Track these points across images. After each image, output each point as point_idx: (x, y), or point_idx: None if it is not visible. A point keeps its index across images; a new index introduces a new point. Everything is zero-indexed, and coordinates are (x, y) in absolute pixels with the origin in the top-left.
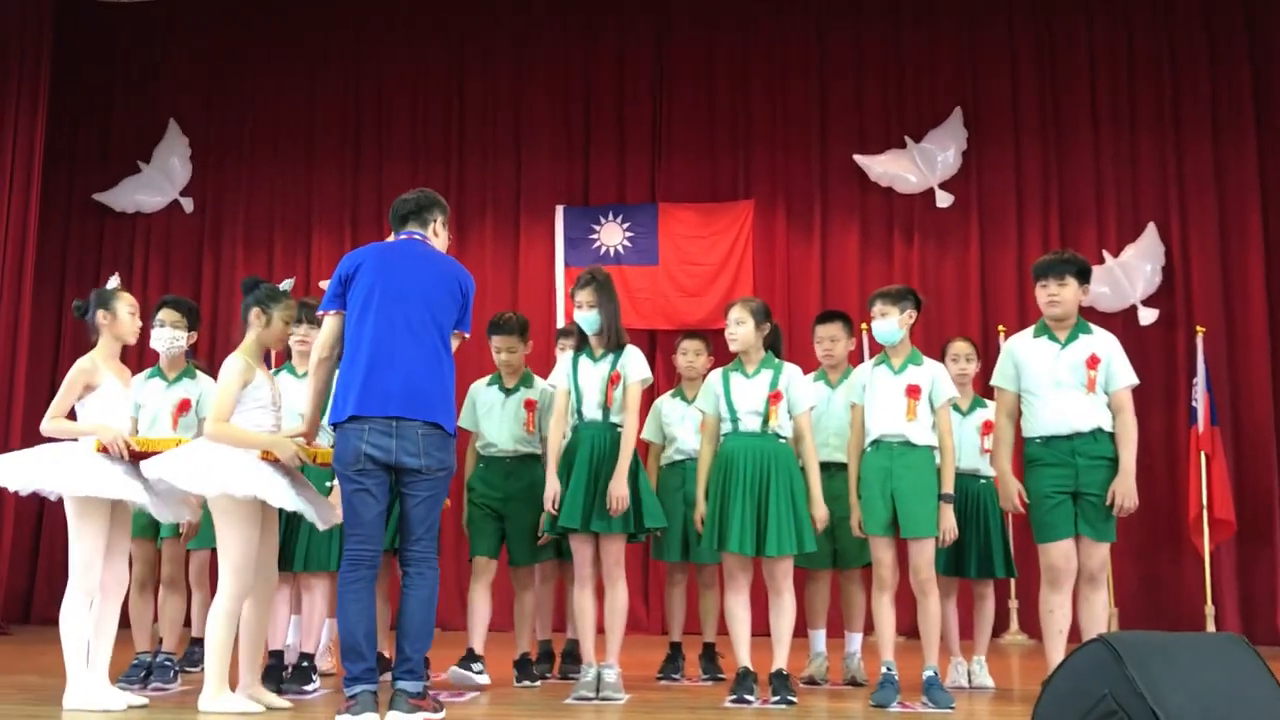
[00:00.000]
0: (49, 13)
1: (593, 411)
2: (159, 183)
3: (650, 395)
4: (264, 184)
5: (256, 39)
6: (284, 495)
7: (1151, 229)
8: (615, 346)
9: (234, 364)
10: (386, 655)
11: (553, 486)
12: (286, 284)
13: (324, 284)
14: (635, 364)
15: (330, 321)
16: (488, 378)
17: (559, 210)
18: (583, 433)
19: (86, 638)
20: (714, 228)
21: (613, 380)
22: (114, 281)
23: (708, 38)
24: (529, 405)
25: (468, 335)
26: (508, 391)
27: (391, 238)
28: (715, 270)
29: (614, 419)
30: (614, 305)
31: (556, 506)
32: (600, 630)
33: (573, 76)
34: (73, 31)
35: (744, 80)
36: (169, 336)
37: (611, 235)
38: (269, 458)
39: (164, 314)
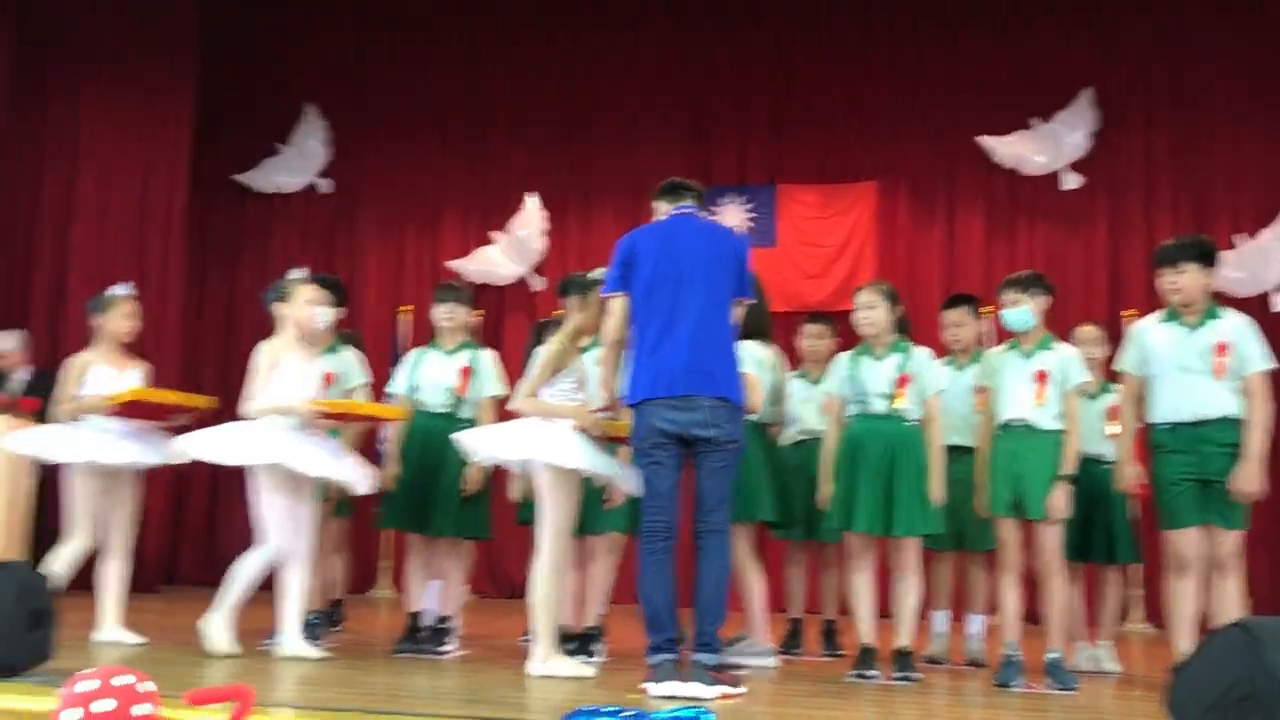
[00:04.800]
0: (195, 2)
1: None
2: (297, 164)
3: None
4: (397, 167)
5: (393, 25)
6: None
7: None
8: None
9: (552, 347)
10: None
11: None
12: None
13: (451, 264)
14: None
15: (615, 304)
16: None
17: None
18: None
19: (283, 593)
20: (834, 209)
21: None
22: (295, 273)
23: (830, 17)
24: None
25: (749, 301)
26: None
27: (663, 208)
28: (836, 252)
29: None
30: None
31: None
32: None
33: (693, 58)
34: (217, 18)
35: (867, 60)
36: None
37: (732, 216)
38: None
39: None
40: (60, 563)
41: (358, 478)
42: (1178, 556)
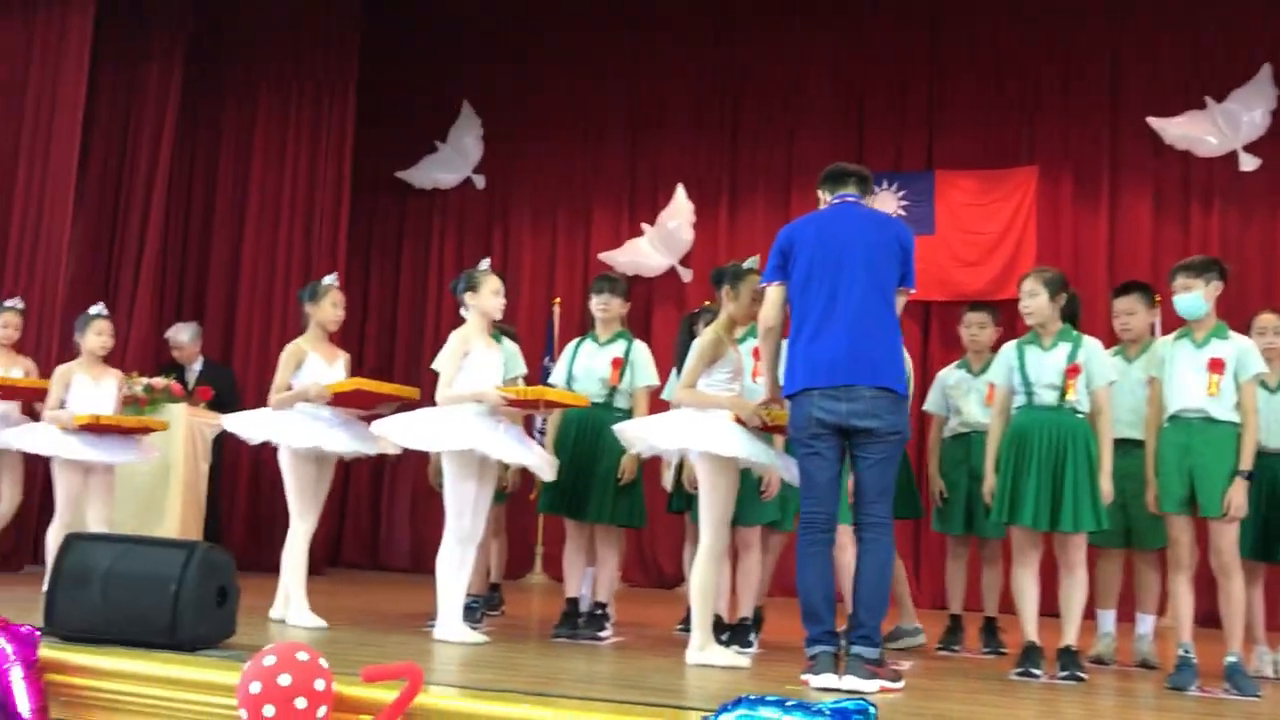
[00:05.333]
0: (357, 6)
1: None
2: (455, 161)
3: (932, 367)
4: (549, 163)
5: (545, 26)
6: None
7: None
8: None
9: (707, 337)
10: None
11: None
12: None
13: (602, 256)
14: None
15: (772, 292)
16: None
17: None
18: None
19: (455, 579)
20: (994, 195)
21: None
22: (484, 264)
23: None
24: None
25: (913, 291)
26: None
27: (825, 197)
28: (995, 239)
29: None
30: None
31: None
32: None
33: (848, 45)
34: (378, 19)
35: (1028, 39)
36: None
37: (886, 204)
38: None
39: None
40: (292, 546)
41: (544, 465)
42: None
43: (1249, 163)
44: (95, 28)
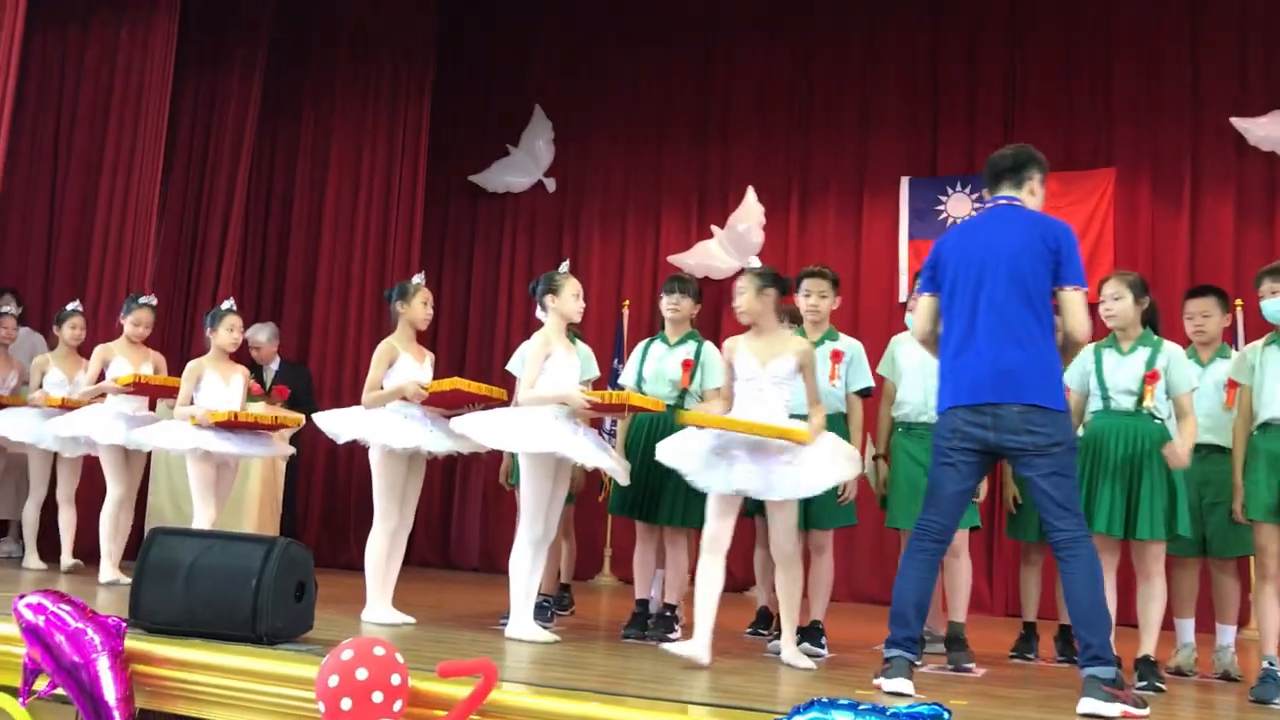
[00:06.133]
0: (431, 13)
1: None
2: (526, 164)
3: None
4: (618, 166)
5: (614, 29)
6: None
7: None
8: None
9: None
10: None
11: None
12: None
13: (671, 258)
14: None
15: (922, 302)
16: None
17: (904, 181)
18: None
19: (528, 579)
20: (1071, 197)
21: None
22: (564, 267)
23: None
24: None
25: (1081, 287)
26: None
27: (986, 198)
28: None
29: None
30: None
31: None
32: None
33: (922, 44)
34: (451, 25)
35: (1107, 38)
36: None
37: (959, 206)
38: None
39: None
40: (374, 545)
41: (620, 468)
42: None
43: None
44: (179, 35)
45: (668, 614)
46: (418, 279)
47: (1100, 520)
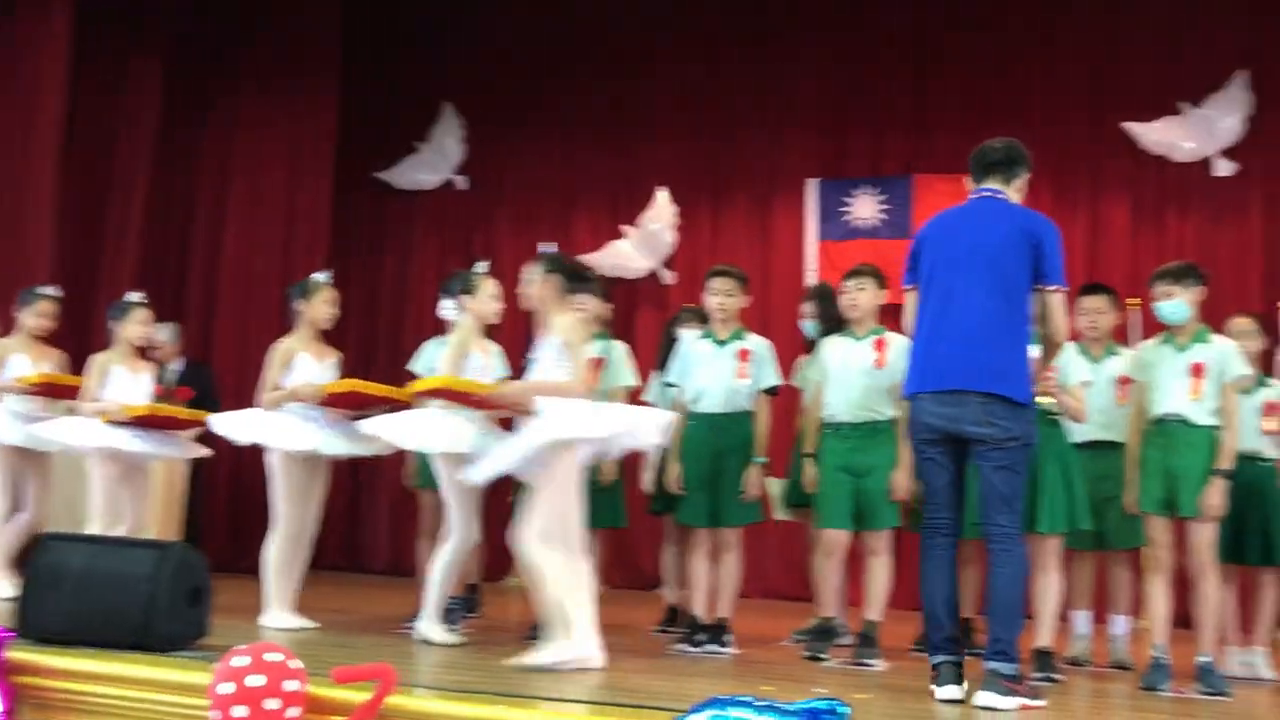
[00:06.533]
0: (338, 7)
1: None
2: (435, 162)
3: None
4: (530, 164)
5: (528, 26)
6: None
7: None
8: None
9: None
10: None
11: None
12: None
13: (583, 258)
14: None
15: (908, 297)
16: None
17: (811, 183)
18: None
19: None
20: None
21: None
22: (481, 266)
23: (968, 4)
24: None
25: (1061, 288)
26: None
27: (970, 188)
28: None
29: None
30: None
31: None
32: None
33: (831, 46)
34: (358, 19)
35: (1009, 46)
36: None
37: (865, 208)
38: None
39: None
40: (271, 549)
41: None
42: None
43: (1224, 168)
44: (77, 27)
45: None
46: (321, 276)
47: None
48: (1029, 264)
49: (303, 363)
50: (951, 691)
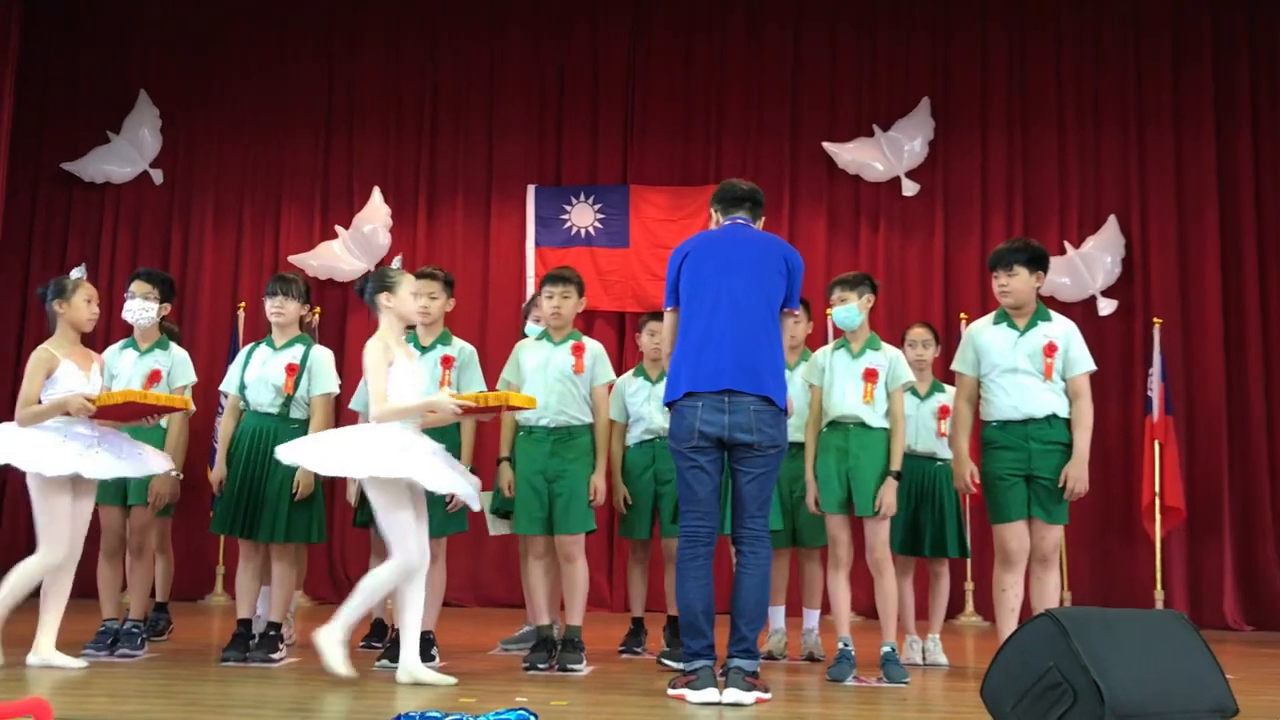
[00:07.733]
0: None
1: None
2: (128, 153)
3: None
4: (234, 157)
5: (228, 10)
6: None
7: (1112, 221)
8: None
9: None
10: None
11: None
12: (76, 271)
13: (293, 259)
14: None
15: (668, 317)
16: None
17: (530, 190)
18: None
19: (415, 614)
20: (684, 211)
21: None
22: (78, 272)
23: (685, 22)
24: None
25: (798, 312)
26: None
27: (718, 218)
28: None
29: None
30: None
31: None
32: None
33: (547, 56)
34: (43, 2)
35: (719, 65)
36: (139, 307)
37: (582, 216)
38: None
39: (135, 285)
40: (19, 573)
41: (474, 491)
42: (1005, 549)
43: (910, 188)
44: None
45: (271, 633)
46: (76, 273)
47: None
48: (784, 285)
49: (66, 371)
50: (709, 695)
